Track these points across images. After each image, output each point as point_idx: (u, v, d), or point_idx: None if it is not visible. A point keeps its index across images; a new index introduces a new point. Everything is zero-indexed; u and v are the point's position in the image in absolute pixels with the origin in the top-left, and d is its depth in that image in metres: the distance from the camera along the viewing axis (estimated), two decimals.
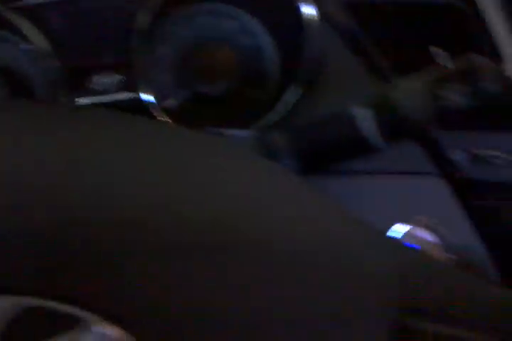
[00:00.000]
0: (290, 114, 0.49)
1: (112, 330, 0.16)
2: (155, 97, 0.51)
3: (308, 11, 0.48)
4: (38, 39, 0.48)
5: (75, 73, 0.51)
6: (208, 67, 0.53)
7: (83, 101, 0.52)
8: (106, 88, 0.53)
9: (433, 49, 0.43)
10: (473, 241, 0.42)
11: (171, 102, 0.52)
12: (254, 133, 0.36)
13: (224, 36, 0.54)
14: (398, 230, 0.41)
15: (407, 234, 0.41)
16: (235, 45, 0.54)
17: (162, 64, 0.53)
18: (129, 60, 0.51)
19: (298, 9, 0.48)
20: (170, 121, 0.50)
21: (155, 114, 0.50)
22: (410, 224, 0.41)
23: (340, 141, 0.33)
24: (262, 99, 0.54)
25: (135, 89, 0.52)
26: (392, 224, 0.41)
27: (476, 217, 0.43)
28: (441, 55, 0.42)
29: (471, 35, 0.41)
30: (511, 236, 0.42)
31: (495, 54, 0.40)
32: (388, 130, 0.32)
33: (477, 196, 0.43)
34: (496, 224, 0.43)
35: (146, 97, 0.50)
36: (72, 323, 0.17)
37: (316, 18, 0.48)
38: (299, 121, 0.47)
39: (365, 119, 0.32)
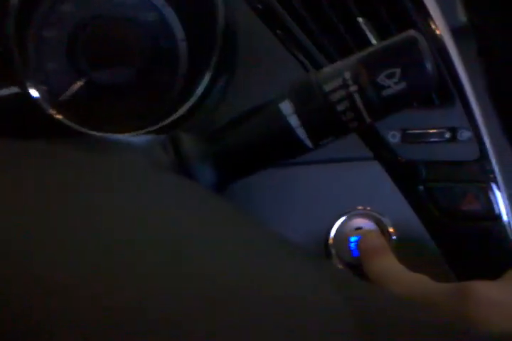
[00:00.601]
0: (202, 106, 0.43)
1: None
2: (44, 91, 0.43)
3: None
4: None
5: None
6: (105, 50, 0.45)
7: None
8: None
9: (360, 20, 0.38)
10: (415, 225, 0.41)
11: (63, 95, 0.44)
12: (158, 137, 0.30)
13: (121, 11, 0.46)
14: (341, 223, 0.38)
15: (349, 226, 0.38)
16: (134, 21, 0.46)
17: (48, 50, 0.45)
18: (5, 48, 0.42)
19: None
20: (62, 118, 0.42)
21: (46, 110, 0.42)
22: (352, 215, 0.38)
23: (267, 142, 0.28)
24: (171, 87, 0.48)
25: (19, 83, 0.44)
26: (335, 215, 0.38)
27: (415, 199, 0.41)
28: (368, 26, 0.38)
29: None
30: (450, 217, 0.41)
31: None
32: (314, 125, 0.27)
33: (415, 177, 0.41)
34: (434, 204, 0.41)
35: (34, 91, 0.42)
36: None
37: None
38: (215, 115, 0.42)
39: (292, 113, 0.27)
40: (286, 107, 0.27)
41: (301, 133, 0.27)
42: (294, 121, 0.27)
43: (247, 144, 0.28)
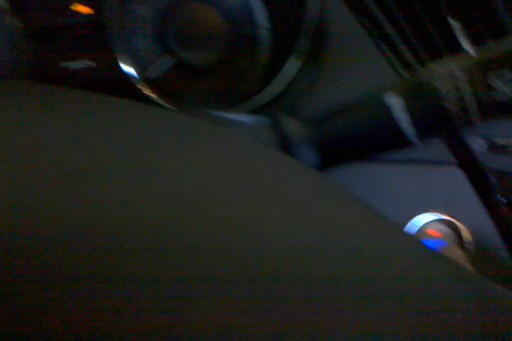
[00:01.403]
0: (289, 90, 0.44)
1: None
2: (135, 66, 0.44)
3: None
4: None
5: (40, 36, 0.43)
6: (192, 32, 0.46)
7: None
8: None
9: (452, 21, 0.39)
10: (492, 233, 0.41)
11: (152, 72, 0.46)
12: (265, 118, 0.32)
13: None
14: (417, 222, 0.39)
15: (425, 227, 0.39)
16: (220, 6, 0.48)
17: (141, 27, 0.46)
18: (102, 21, 0.44)
19: None
20: (152, 93, 0.44)
21: (135, 85, 0.44)
22: (429, 217, 0.39)
23: (371, 132, 0.30)
24: (254, 70, 0.49)
25: (112, 56, 0.45)
26: (412, 215, 0.40)
27: (495, 209, 0.41)
28: (460, 29, 0.39)
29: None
30: None
31: None
32: (424, 123, 0.28)
33: (497, 188, 0.41)
34: None
35: (125, 65, 0.44)
36: None
37: None
38: (302, 98, 0.43)
39: (402, 110, 0.28)
40: (397, 103, 0.29)
41: (409, 129, 0.29)
42: (404, 117, 0.28)
43: (351, 133, 0.30)
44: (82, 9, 0.44)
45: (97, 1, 0.44)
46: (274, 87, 0.44)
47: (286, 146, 0.30)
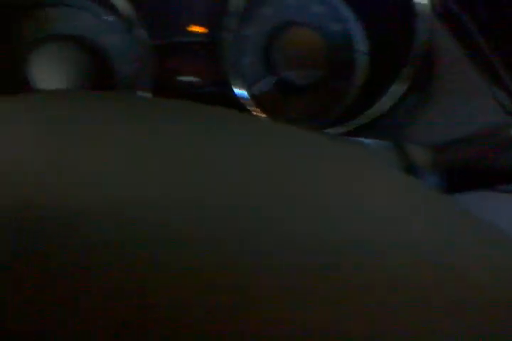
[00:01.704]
0: (388, 114, 0.46)
1: None
2: (241, 82, 0.48)
3: None
4: (124, 10, 0.44)
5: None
6: (296, 53, 0.50)
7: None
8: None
9: None
10: None
11: (257, 89, 0.49)
12: (390, 143, 0.34)
13: (313, 21, 0.51)
14: None
15: None
16: (322, 30, 0.51)
17: (250, 47, 0.50)
18: (217, 40, 0.48)
19: None
20: (256, 108, 0.47)
21: (241, 101, 0.47)
22: None
23: (496, 164, 0.32)
24: (351, 92, 0.52)
25: (221, 73, 0.49)
26: None
27: None
28: None
29: None
30: None
31: None
32: None
33: None
34: None
35: (233, 83, 0.47)
36: None
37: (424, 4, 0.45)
38: (403, 122, 0.46)
39: None
40: None
41: None
42: None
43: (475, 162, 0.32)
44: (200, 30, 0.48)
45: (213, 24, 0.48)
46: (374, 111, 0.46)
47: (410, 171, 0.33)
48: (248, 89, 0.48)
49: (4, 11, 0.44)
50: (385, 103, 0.46)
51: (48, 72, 0.44)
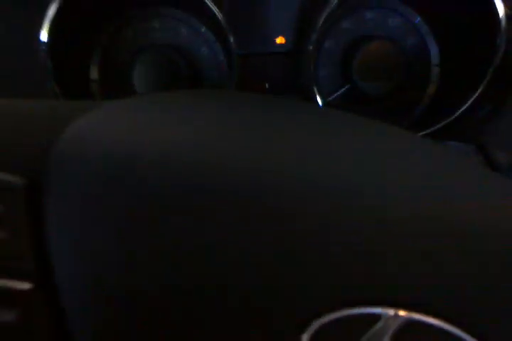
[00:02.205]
0: (458, 122, 0.48)
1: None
2: (318, 91, 0.51)
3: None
4: (217, 22, 0.48)
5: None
6: (371, 64, 0.52)
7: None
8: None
9: None
10: None
11: (335, 97, 0.53)
12: (473, 146, 0.37)
13: (390, 34, 0.54)
14: None
15: None
16: (398, 43, 0.53)
17: (329, 58, 0.54)
18: (299, 51, 0.51)
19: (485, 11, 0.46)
20: None
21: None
22: None
23: None
24: (422, 102, 0.54)
25: (301, 82, 0.53)
26: None
27: None
28: None
29: None
30: None
31: None
32: None
33: None
34: None
35: (311, 91, 0.51)
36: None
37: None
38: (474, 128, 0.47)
39: None
40: None
41: None
42: None
43: None
44: (283, 41, 0.52)
45: (296, 36, 0.52)
46: (447, 119, 0.49)
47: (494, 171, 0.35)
48: (324, 98, 0.51)
49: (117, 22, 0.50)
50: (458, 111, 0.48)
51: (148, 77, 0.49)
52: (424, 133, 0.49)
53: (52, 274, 0.17)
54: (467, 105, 0.47)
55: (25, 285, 0.17)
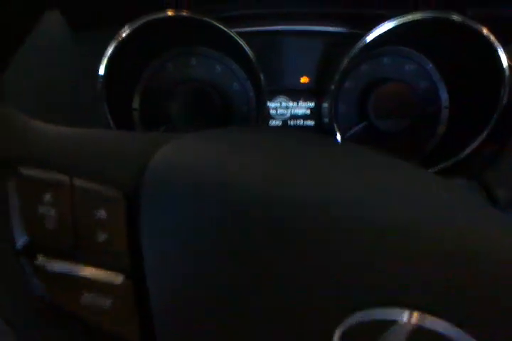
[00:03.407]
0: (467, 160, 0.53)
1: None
2: (337, 127, 0.56)
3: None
4: (249, 61, 0.54)
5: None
6: (387, 103, 0.58)
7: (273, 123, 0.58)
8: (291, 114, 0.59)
9: None
10: None
11: (351, 134, 0.58)
12: (475, 183, 0.41)
13: (404, 78, 0.59)
14: None
15: None
16: (411, 86, 0.59)
17: (347, 97, 0.59)
18: (320, 89, 0.57)
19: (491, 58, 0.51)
20: None
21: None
22: None
23: None
24: (432, 141, 0.59)
25: (320, 117, 0.58)
26: None
27: None
28: None
29: None
30: None
31: None
32: None
33: None
34: None
35: (332, 126, 0.56)
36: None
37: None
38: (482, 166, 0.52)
39: None
40: None
41: None
42: None
43: None
44: (307, 80, 0.58)
45: (319, 76, 0.57)
46: (454, 157, 0.53)
47: (495, 207, 0.39)
48: (342, 133, 0.56)
49: (160, 58, 0.56)
50: (464, 151, 0.53)
51: (184, 109, 0.54)
52: (432, 169, 0.53)
53: (143, 271, 0.21)
54: (473, 146, 0.52)
55: (120, 278, 0.21)
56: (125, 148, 0.23)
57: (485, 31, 0.49)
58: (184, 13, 0.48)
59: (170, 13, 0.48)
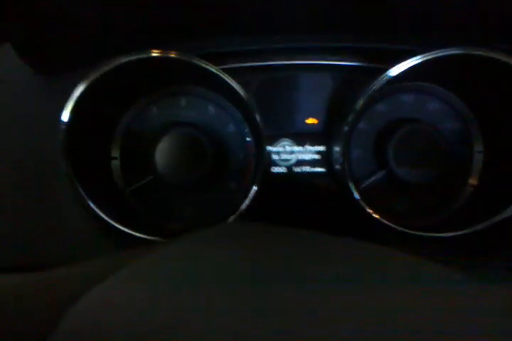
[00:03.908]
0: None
1: None
2: (350, 175, 0.47)
3: None
4: (245, 101, 0.46)
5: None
6: (409, 149, 0.49)
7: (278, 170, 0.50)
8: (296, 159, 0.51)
9: None
10: None
11: (368, 184, 0.49)
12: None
13: (428, 118, 0.50)
14: None
15: None
16: (441, 128, 0.50)
17: (362, 140, 0.50)
18: (332, 132, 0.49)
19: None
20: (379, 218, 0.46)
21: (364, 209, 0.46)
22: None
23: None
24: (463, 192, 0.50)
25: (330, 163, 0.50)
26: None
27: None
28: None
29: None
30: None
31: None
32: None
33: None
34: None
35: (345, 177, 0.47)
36: None
37: None
38: None
39: None
40: None
41: None
42: None
43: None
44: (313, 122, 0.50)
45: (327, 116, 0.49)
46: (495, 216, 0.44)
47: None
48: (356, 182, 0.48)
49: (142, 100, 0.48)
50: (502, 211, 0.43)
51: (171, 156, 0.47)
52: (460, 232, 0.44)
53: None
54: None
55: None
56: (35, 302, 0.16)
57: None
58: (171, 55, 0.41)
59: (155, 53, 0.41)
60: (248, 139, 0.50)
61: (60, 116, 0.39)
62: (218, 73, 0.41)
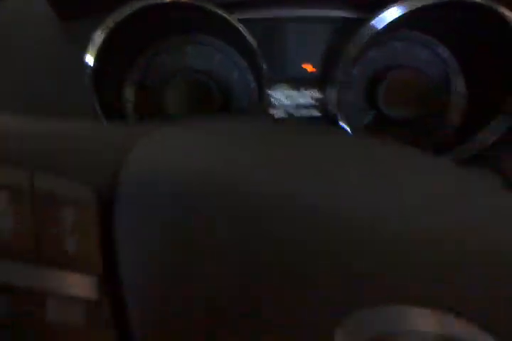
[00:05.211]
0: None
1: None
2: (344, 116, 0.52)
3: None
4: (251, 49, 0.50)
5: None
6: (397, 91, 0.54)
7: (277, 114, 0.55)
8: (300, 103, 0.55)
9: None
10: None
11: (357, 124, 0.54)
12: (491, 171, 0.38)
13: (416, 63, 0.55)
14: None
15: None
16: (426, 72, 0.55)
17: (356, 84, 0.55)
18: (327, 78, 0.53)
19: None
20: None
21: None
22: None
23: None
24: (443, 130, 0.56)
25: (326, 108, 0.55)
26: None
27: None
28: None
29: None
30: None
31: None
32: None
33: None
34: None
35: (338, 116, 0.52)
36: None
37: None
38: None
39: None
40: None
41: None
42: None
43: None
44: (311, 69, 0.54)
45: (324, 64, 0.54)
46: (469, 146, 0.50)
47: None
48: (349, 123, 0.53)
49: (154, 47, 0.52)
50: (484, 139, 0.49)
51: (180, 99, 0.51)
52: (446, 157, 0.50)
53: (117, 268, 0.18)
54: (488, 133, 0.49)
55: (93, 290, 0.18)
56: (97, 142, 0.20)
57: (506, 12, 0.45)
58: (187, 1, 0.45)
59: None
60: (252, 85, 0.54)
61: (83, 60, 0.43)
62: (230, 19, 0.45)
